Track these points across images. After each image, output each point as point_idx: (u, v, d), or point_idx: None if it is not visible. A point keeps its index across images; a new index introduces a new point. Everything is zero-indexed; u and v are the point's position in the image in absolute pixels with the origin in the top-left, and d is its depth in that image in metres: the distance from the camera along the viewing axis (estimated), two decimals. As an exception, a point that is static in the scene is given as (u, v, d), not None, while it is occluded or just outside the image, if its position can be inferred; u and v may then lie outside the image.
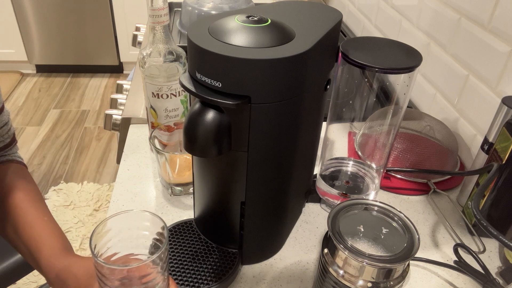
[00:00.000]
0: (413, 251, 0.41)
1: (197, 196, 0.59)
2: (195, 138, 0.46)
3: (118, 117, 0.93)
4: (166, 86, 0.69)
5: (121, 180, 0.73)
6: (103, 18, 2.71)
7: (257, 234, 0.57)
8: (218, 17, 0.50)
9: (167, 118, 0.73)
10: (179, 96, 0.72)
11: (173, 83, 0.70)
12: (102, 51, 2.86)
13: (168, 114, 0.73)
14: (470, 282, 0.59)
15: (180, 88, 0.71)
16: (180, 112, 0.74)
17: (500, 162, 0.59)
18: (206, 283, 0.54)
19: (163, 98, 0.71)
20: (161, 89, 0.69)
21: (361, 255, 0.41)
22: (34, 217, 0.60)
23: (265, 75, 0.43)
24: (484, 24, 0.74)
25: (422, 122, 0.82)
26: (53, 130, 2.41)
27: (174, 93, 0.71)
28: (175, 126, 0.71)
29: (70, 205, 1.89)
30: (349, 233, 0.46)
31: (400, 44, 0.57)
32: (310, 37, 0.47)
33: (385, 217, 0.46)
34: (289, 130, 0.50)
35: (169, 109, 0.72)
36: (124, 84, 1.13)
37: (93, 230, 0.45)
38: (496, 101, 0.72)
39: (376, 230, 0.46)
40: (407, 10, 1.02)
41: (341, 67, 0.57)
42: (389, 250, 0.45)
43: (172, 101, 0.71)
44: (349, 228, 0.45)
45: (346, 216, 0.46)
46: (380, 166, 0.65)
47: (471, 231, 0.66)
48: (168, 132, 0.71)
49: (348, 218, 0.46)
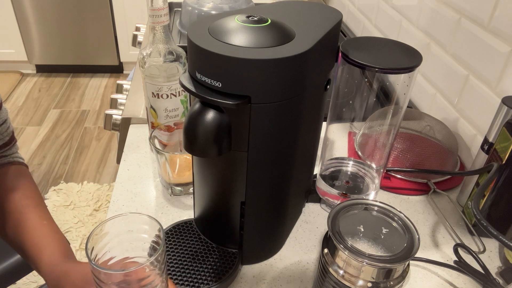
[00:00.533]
0: (413, 251, 0.41)
1: (197, 196, 0.59)
2: (195, 138, 0.46)
3: (118, 117, 0.93)
4: (166, 86, 0.69)
5: (121, 180, 0.73)
6: (103, 18, 2.71)
7: (257, 234, 0.57)
8: (218, 17, 0.50)
9: (167, 118, 0.73)
10: (179, 96, 0.72)
11: (173, 83, 0.70)
12: (102, 51, 2.86)
13: (168, 114, 0.73)
14: (470, 282, 0.59)
15: (180, 88, 0.71)
16: (180, 112, 0.74)
17: (500, 162, 0.59)
18: (206, 283, 0.54)
19: (163, 98, 0.71)
20: (161, 89, 0.69)
21: (361, 255, 0.41)
22: (34, 222, 0.60)
23: (265, 75, 0.43)
24: (484, 24, 0.74)
25: (422, 122, 0.82)
26: (53, 130, 2.41)
27: (174, 93, 0.71)
28: (175, 126, 0.71)
29: (70, 205, 1.89)
30: (349, 233, 0.46)
31: (400, 44, 0.57)
32: (310, 37, 0.47)
33: (385, 217, 0.46)
34: (289, 130, 0.50)
35: (169, 109, 0.72)
36: (124, 84, 1.13)
37: (89, 234, 0.45)
38: (496, 101, 0.72)
39: (376, 230, 0.46)
40: (407, 10, 1.02)
41: (341, 67, 0.57)
42: (389, 250, 0.45)
43: (172, 101, 0.71)
44: (349, 228, 0.45)
45: (346, 216, 0.46)
46: (380, 166, 0.66)
47: (471, 231, 0.66)
48: (168, 132, 0.71)
49: (348, 218, 0.46)
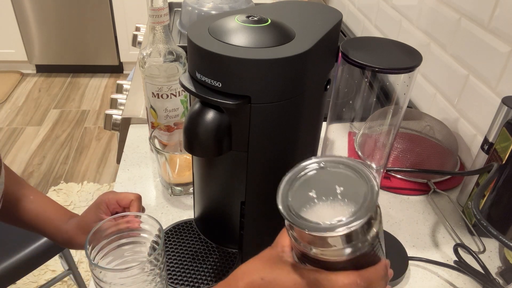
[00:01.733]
0: (374, 195, 0.35)
1: (197, 196, 0.59)
2: (195, 138, 0.46)
3: (118, 117, 0.93)
4: (166, 86, 0.69)
5: (121, 180, 0.73)
6: (103, 18, 2.71)
7: (257, 234, 0.57)
8: (218, 17, 0.50)
9: (167, 118, 0.73)
10: (179, 96, 0.72)
11: (173, 83, 0.70)
12: (102, 51, 2.86)
13: (168, 114, 0.73)
14: (470, 282, 0.59)
15: (180, 88, 0.71)
16: (180, 112, 0.74)
17: (500, 162, 0.59)
18: (206, 283, 0.54)
19: (163, 98, 0.71)
20: (161, 89, 0.69)
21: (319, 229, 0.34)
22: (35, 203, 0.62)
23: (265, 75, 0.43)
24: (484, 24, 0.74)
25: (422, 122, 0.82)
26: (53, 130, 2.41)
27: (174, 93, 0.71)
28: (175, 126, 0.71)
29: (70, 205, 1.89)
30: (302, 204, 0.38)
31: (400, 44, 0.57)
32: (310, 37, 0.47)
33: (337, 171, 0.39)
34: (289, 130, 0.50)
35: (169, 109, 0.72)
36: (124, 84, 1.13)
37: (88, 234, 0.46)
38: (496, 101, 0.72)
39: (330, 190, 0.38)
40: (407, 10, 1.02)
41: (341, 67, 0.57)
42: (355, 202, 0.36)
43: (172, 101, 0.71)
44: (300, 199, 0.38)
45: (295, 187, 0.39)
46: (380, 166, 0.65)
47: (471, 231, 0.66)
48: (168, 132, 0.71)
49: (297, 189, 0.39)
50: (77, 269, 1.26)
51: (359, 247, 0.36)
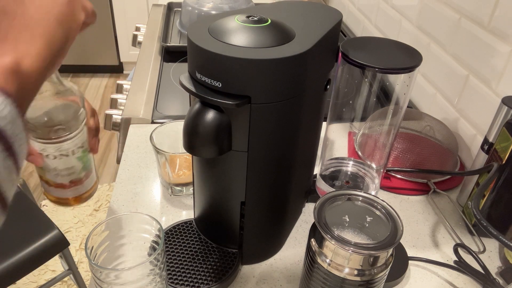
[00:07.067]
0: (396, 238, 0.42)
1: (197, 196, 0.59)
2: (195, 138, 0.46)
3: (118, 117, 0.93)
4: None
5: (121, 180, 0.73)
6: (103, 18, 2.71)
7: (257, 234, 0.57)
8: (218, 17, 0.50)
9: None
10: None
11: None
12: (102, 51, 2.86)
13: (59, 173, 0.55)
14: (470, 282, 0.59)
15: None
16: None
17: (500, 162, 0.59)
18: (206, 283, 0.54)
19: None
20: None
21: (347, 244, 0.42)
22: None
23: (265, 75, 0.43)
24: (484, 24, 0.74)
25: (422, 122, 0.82)
26: (53, 130, 2.41)
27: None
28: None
29: (70, 205, 1.89)
30: (334, 223, 0.46)
31: (400, 44, 0.57)
32: (310, 37, 0.47)
33: (369, 207, 0.47)
34: (289, 130, 0.50)
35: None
36: (124, 84, 1.13)
37: (88, 234, 0.46)
38: (496, 101, 0.72)
39: (360, 219, 0.47)
40: (407, 10, 1.02)
41: (341, 67, 0.57)
42: (374, 238, 0.46)
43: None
44: (334, 218, 0.46)
45: (331, 207, 0.46)
46: (380, 166, 0.66)
47: (471, 231, 0.66)
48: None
49: (333, 209, 0.47)
50: (77, 269, 1.26)
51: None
